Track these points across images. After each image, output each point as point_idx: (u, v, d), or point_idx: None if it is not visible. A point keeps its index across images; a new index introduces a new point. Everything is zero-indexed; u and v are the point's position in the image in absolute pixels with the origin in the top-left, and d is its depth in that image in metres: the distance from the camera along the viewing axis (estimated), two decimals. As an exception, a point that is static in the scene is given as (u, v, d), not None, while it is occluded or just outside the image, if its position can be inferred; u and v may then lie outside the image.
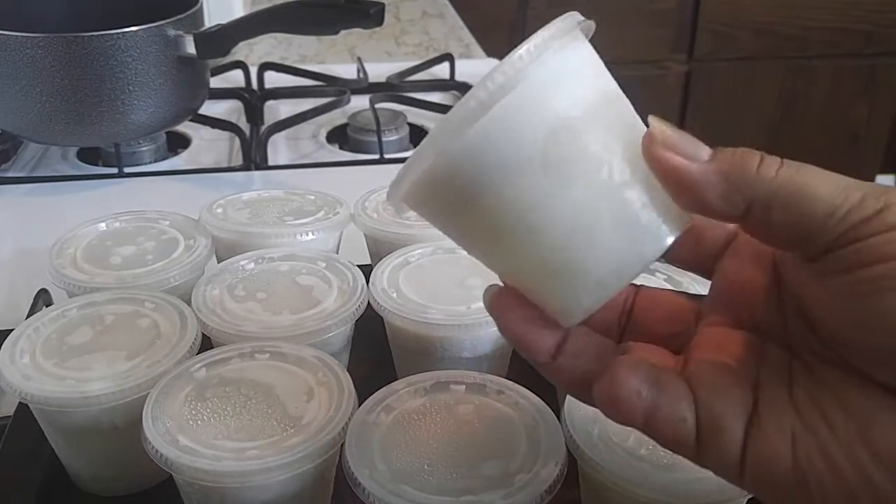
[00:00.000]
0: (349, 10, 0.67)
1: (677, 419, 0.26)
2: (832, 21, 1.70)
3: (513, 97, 0.26)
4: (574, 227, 0.26)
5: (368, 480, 0.33)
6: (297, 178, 0.77)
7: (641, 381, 0.26)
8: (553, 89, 0.26)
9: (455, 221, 0.29)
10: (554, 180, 0.26)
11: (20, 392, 0.39)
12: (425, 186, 0.28)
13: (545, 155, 0.26)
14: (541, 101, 0.26)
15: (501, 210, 0.27)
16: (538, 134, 0.26)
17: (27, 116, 0.70)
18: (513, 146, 0.26)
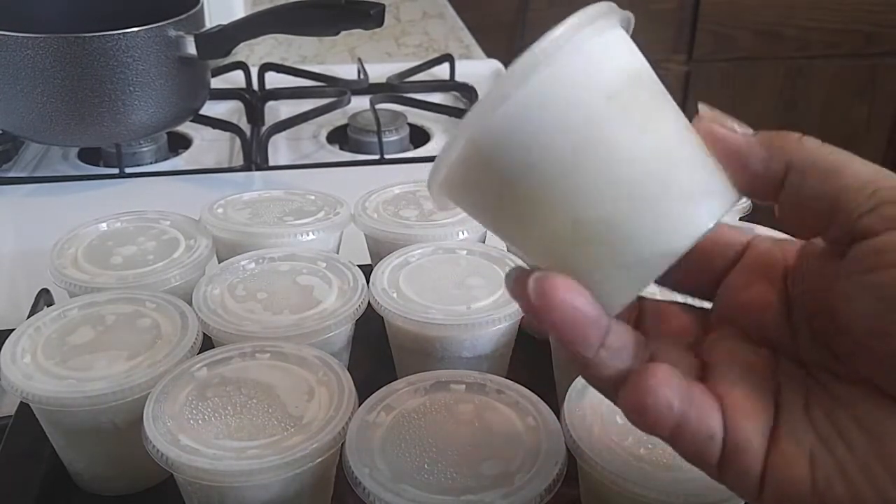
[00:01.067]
0: (349, 11, 0.67)
1: (705, 436, 0.26)
2: (832, 21, 1.70)
3: (556, 67, 0.26)
4: (621, 190, 0.26)
5: (369, 480, 0.34)
6: (297, 179, 0.77)
7: (673, 393, 0.26)
8: (599, 60, 0.26)
9: (497, 200, 0.28)
10: (599, 144, 0.26)
11: (21, 392, 0.39)
12: (467, 163, 0.27)
13: (590, 119, 0.26)
14: (587, 70, 0.26)
15: (546, 178, 0.26)
16: (584, 100, 0.26)
17: (28, 117, 0.70)
18: (557, 112, 0.26)
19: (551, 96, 0.26)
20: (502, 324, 0.45)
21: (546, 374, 0.48)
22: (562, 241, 0.27)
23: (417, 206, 0.57)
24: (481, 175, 0.27)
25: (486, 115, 0.26)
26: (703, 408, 0.26)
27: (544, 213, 0.27)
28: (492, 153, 0.27)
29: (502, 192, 0.27)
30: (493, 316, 0.45)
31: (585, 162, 0.26)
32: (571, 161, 0.26)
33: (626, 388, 0.26)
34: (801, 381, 0.28)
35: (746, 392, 0.27)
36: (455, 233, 0.54)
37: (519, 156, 0.26)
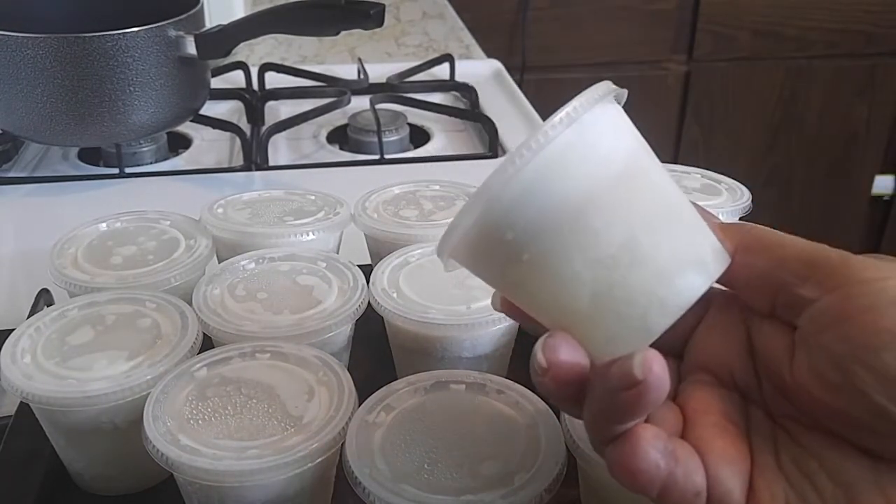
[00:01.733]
0: (349, 11, 0.67)
1: (692, 493, 0.27)
2: (832, 21, 1.70)
3: (557, 152, 0.27)
4: (592, 290, 0.27)
5: (369, 480, 0.34)
6: (297, 179, 0.77)
7: (659, 454, 0.27)
8: (589, 153, 0.27)
9: (501, 271, 0.30)
10: (578, 240, 0.27)
11: (21, 392, 0.39)
12: (473, 238, 0.29)
13: (576, 218, 0.27)
14: (582, 160, 0.27)
15: (539, 263, 0.28)
16: (570, 195, 0.27)
17: (28, 117, 0.70)
18: (550, 208, 0.27)
19: (548, 182, 0.27)
20: (502, 324, 0.45)
21: (546, 374, 0.48)
22: (551, 306, 0.29)
23: (417, 206, 0.57)
24: (486, 247, 0.29)
25: (497, 192, 0.27)
26: (688, 466, 0.27)
27: (538, 282, 0.29)
28: (498, 227, 0.28)
29: (506, 265, 0.29)
30: (493, 316, 0.45)
31: (575, 244, 0.27)
32: (561, 242, 0.28)
33: (616, 451, 0.27)
34: (770, 429, 0.29)
35: (726, 443, 0.28)
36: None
37: (513, 237, 0.28)
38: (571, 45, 1.64)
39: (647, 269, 0.27)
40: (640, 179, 0.28)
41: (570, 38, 1.64)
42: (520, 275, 0.29)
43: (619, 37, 1.66)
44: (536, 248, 0.28)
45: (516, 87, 1.01)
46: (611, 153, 0.28)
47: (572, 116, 0.27)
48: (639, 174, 0.28)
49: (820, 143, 1.79)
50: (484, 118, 0.86)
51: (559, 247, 0.27)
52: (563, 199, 0.27)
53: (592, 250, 0.27)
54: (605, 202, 0.27)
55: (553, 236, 0.27)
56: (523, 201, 0.27)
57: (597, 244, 0.27)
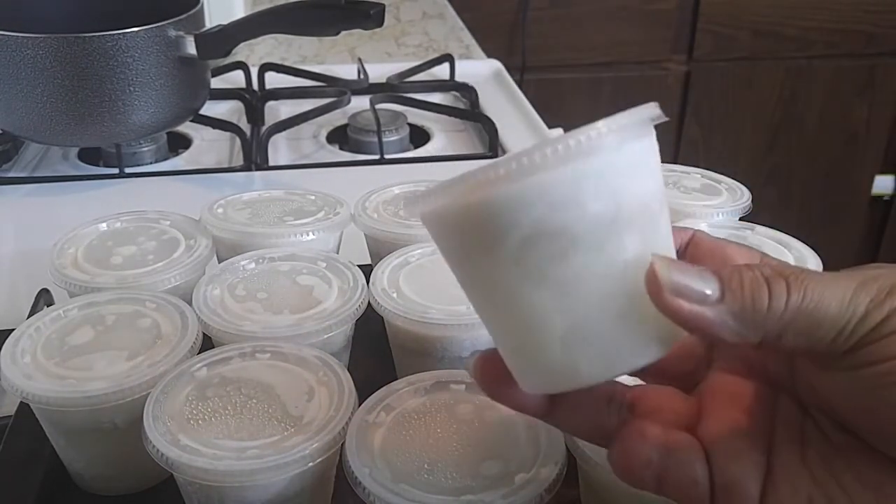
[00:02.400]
0: (349, 11, 0.67)
1: (688, 482, 0.27)
2: (832, 21, 1.70)
3: (513, 186, 0.25)
4: (531, 322, 0.27)
5: (369, 480, 0.34)
6: (297, 179, 0.77)
7: (651, 449, 0.27)
8: (574, 178, 0.25)
9: (452, 266, 0.30)
10: (522, 279, 0.26)
11: (21, 392, 0.39)
12: (437, 221, 0.29)
13: (518, 256, 0.26)
14: (537, 202, 0.25)
15: (478, 279, 0.28)
16: (517, 230, 0.25)
17: (28, 117, 0.70)
18: (496, 229, 0.26)
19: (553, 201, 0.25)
20: (502, 324, 0.45)
21: (546, 374, 0.48)
22: (486, 320, 0.29)
23: (417, 206, 0.57)
24: (447, 236, 0.29)
25: (471, 193, 0.26)
26: (684, 456, 0.27)
27: (480, 293, 0.28)
28: (455, 228, 0.28)
29: (459, 259, 0.29)
30: (493, 316, 0.45)
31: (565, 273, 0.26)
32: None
33: (612, 450, 0.28)
34: (799, 422, 0.28)
35: (738, 436, 0.28)
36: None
37: (463, 245, 0.28)
38: (571, 45, 1.64)
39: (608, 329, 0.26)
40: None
41: (570, 38, 1.64)
42: (492, 271, 0.27)
43: (619, 37, 1.66)
44: (539, 252, 0.26)
45: (516, 87, 1.01)
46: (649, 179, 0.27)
47: (627, 128, 0.26)
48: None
49: (820, 143, 1.79)
50: (484, 118, 0.86)
51: (559, 253, 0.26)
52: (594, 213, 0.25)
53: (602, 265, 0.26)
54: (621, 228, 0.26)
55: (563, 243, 0.25)
56: (546, 198, 0.25)
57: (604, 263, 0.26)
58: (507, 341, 0.29)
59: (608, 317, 0.26)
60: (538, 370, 0.28)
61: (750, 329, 0.25)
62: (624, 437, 0.28)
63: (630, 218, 0.26)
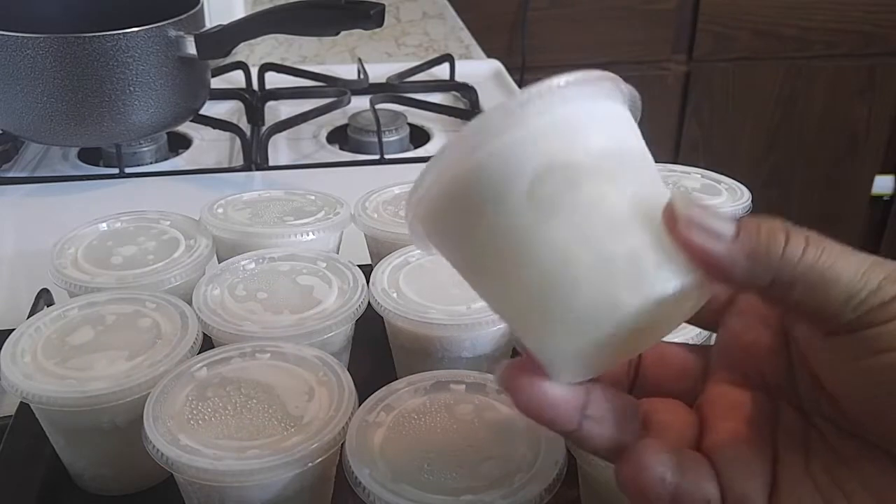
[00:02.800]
0: (349, 12, 0.67)
1: (702, 501, 0.26)
2: (832, 21, 1.70)
3: (515, 131, 0.26)
4: (551, 268, 0.26)
5: (369, 480, 0.34)
6: (297, 179, 0.77)
7: (665, 468, 0.26)
8: (570, 121, 0.26)
9: (458, 248, 0.29)
10: (538, 216, 0.26)
11: (21, 392, 0.39)
12: (434, 199, 0.28)
13: (532, 190, 0.26)
14: (541, 138, 0.26)
15: (491, 238, 0.27)
16: (528, 167, 0.26)
17: (28, 117, 0.70)
18: (505, 176, 0.26)
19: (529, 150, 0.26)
20: (502, 324, 0.45)
21: (546, 374, 0.48)
22: (505, 291, 0.28)
23: (417, 206, 0.57)
24: (448, 214, 0.28)
25: (464, 155, 0.26)
26: (696, 475, 0.27)
27: (494, 260, 0.27)
28: (456, 195, 0.27)
29: (464, 236, 0.28)
30: (494, 316, 0.45)
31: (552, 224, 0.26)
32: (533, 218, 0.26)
33: (623, 468, 0.27)
34: (802, 431, 0.28)
35: (744, 450, 0.27)
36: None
37: (471, 208, 0.27)
38: (571, 45, 1.64)
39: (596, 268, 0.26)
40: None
41: (570, 39, 1.64)
42: (499, 233, 0.27)
43: (619, 37, 1.66)
44: (541, 191, 0.26)
45: (516, 87, 1.01)
46: (575, 142, 0.27)
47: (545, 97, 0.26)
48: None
49: (820, 143, 1.79)
50: (484, 118, 0.86)
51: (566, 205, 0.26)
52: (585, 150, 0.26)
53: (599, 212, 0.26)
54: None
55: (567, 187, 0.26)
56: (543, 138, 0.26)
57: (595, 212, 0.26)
58: (535, 306, 0.27)
59: (629, 244, 0.26)
60: (573, 323, 0.26)
61: (761, 270, 0.25)
62: (637, 456, 0.27)
63: (632, 160, 0.27)
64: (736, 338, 0.30)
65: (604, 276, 0.26)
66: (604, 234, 0.26)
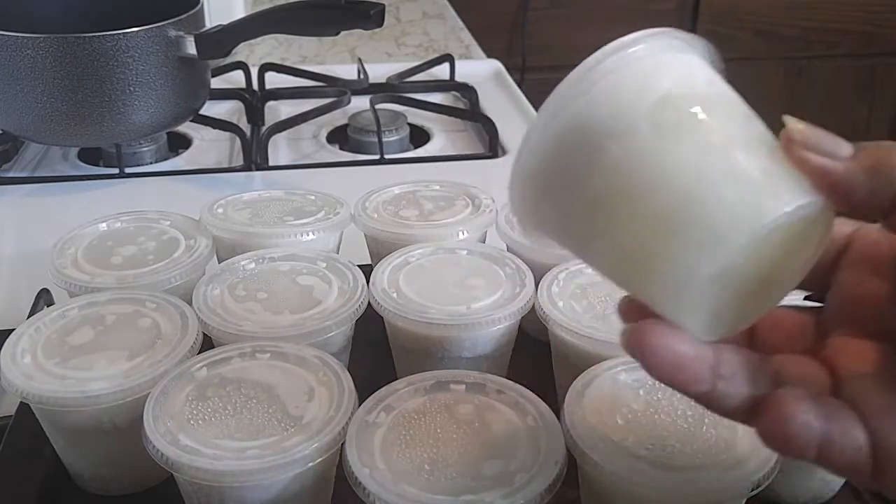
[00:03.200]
0: (349, 12, 0.67)
1: (853, 448, 0.26)
2: (832, 21, 1.70)
3: (627, 70, 0.27)
4: (686, 187, 0.25)
5: (369, 480, 0.34)
6: (297, 179, 0.77)
7: (809, 415, 0.25)
8: (672, 62, 0.27)
9: (574, 200, 0.28)
10: (665, 141, 0.26)
11: (21, 392, 0.39)
12: (545, 151, 0.28)
13: (654, 117, 0.26)
14: (655, 74, 0.27)
15: (615, 174, 0.26)
16: (648, 98, 0.26)
17: (28, 117, 0.70)
18: (625, 106, 0.26)
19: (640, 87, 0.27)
20: (502, 324, 0.45)
21: (546, 374, 0.48)
22: (630, 233, 0.27)
23: (417, 206, 0.57)
24: (560, 161, 0.27)
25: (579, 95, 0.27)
26: (844, 422, 0.26)
27: (615, 199, 0.27)
28: (571, 137, 0.27)
29: (578, 182, 0.27)
30: (493, 316, 0.45)
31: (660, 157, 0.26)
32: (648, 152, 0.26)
33: (763, 420, 0.26)
34: None
35: (884, 397, 0.26)
36: (455, 233, 0.54)
37: (588, 144, 0.27)
38: (571, 45, 1.64)
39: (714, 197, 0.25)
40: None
41: (570, 39, 1.64)
42: (608, 175, 0.26)
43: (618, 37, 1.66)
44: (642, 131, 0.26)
45: (516, 88, 1.01)
46: (688, 74, 0.28)
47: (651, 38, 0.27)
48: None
49: (820, 143, 1.79)
50: (484, 118, 0.86)
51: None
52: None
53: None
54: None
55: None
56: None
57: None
58: (669, 233, 0.26)
59: (760, 163, 0.26)
60: (712, 240, 0.25)
61: (882, 184, 0.25)
62: (777, 405, 0.26)
63: (735, 98, 0.28)
64: (850, 291, 0.30)
65: (743, 185, 0.25)
66: (734, 152, 0.26)
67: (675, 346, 0.26)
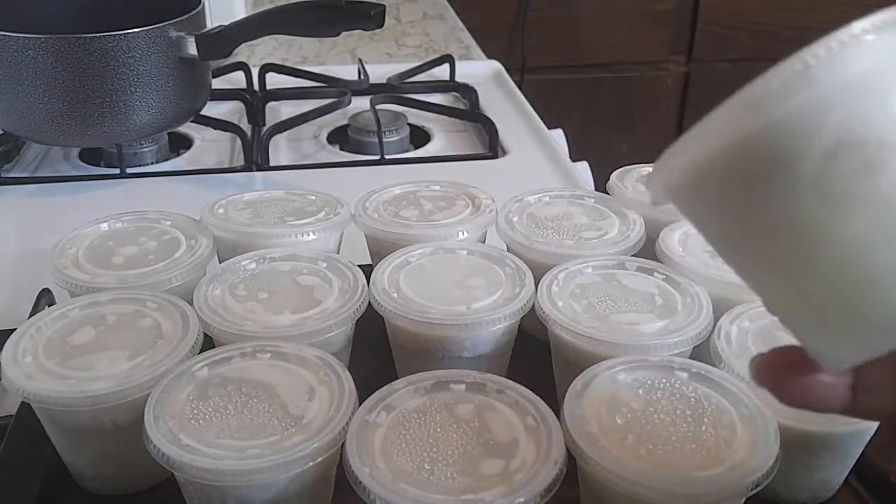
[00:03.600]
0: (350, 12, 0.68)
1: None
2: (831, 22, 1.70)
3: (804, 93, 0.21)
4: (848, 261, 0.22)
5: (369, 479, 0.34)
6: (298, 179, 0.77)
7: None
8: (861, 93, 0.22)
9: (729, 221, 0.25)
10: (829, 204, 0.22)
11: (22, 391, 0.39)
12: (698, 178, 0.24)
13: (816, 174, 0.22)
14: (834, 104, 0.21)
15: (763, 231, 0.23)
16: (818, 142, 0.22)
17: (29, 117, 0.70)
18: (790, 150, 0.22)
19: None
20: (502, 324, 0.45)
21: (546, 374, 0.48)
22: (786, 280, 0.24)
23: (417, 206, 0.57)
24: (725, 182, 0.23)
25: (777, 104, 0.21)
26: None
27: (771, 243, 0.24)
28: (740, 163, 0.23)
29: (738, 211, 0.24)
30: (493, 316, 0.45)
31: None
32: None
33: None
34: None
35: None
36: (455, 233, 0.54)
37: (752, 183, 0.23)
38: (571, 45, 1.64)
39: None
40: None
41: (570, 39, 1.64)
42: (803, 210, 0.22)
43: (618, 38, 1.66)
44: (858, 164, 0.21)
45: (516, 88, 1.01)
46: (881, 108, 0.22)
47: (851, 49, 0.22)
48: None
49: (819, 143, 1.79)
50: (484, 119, 0.87)
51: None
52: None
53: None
54: None
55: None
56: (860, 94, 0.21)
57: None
58: (813, 300, 0.24)
59: None
60: (862, 324, 0.23)
61: None
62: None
63: None
64: None
65: None
66: None
67: (812, 380, 0.26)
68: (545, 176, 0.80)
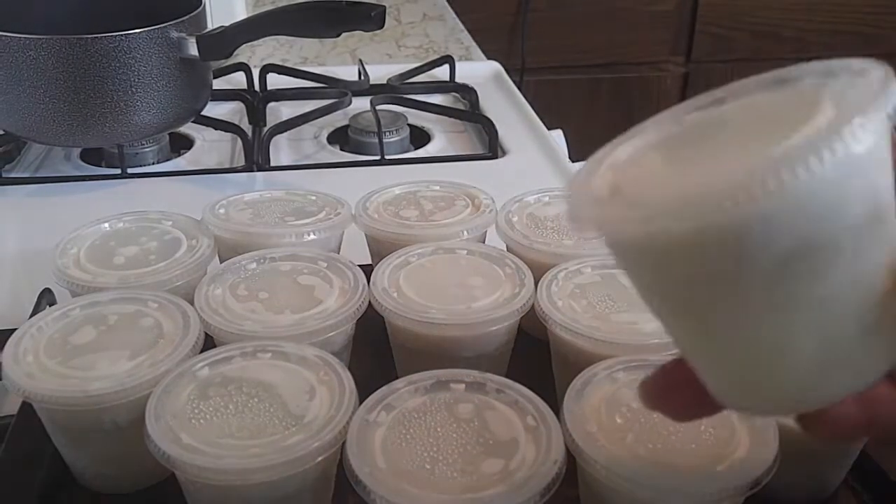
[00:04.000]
0: (350, 13, 0.68)
1: None
2: (830, 23, 1.70)
3: (777, 200, 0.21)
4: (775, 350, 0.24)
5: (369, 479, 0.34)
6: (298, 179, 0.77)
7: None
8: (829, 199, 0.22)
9: (662, 291, 0.26)
10: (773, 302, 0.23)
11: (23, 391, 0.39)
12: (646, 248, 0.24)
13: (768, 276, 0.23)
14: (802, 211, 0.22)
15: (700, 312, 0.24)
16: (777, 247, 0.22)
17: (31, 117, 0.71)
18: (748, 248, 0.22)
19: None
20: (502, 323, 0.45)
21: (546, 374, 0.48)
22: (722, 353, 0.26)
23: (418, 206, 0.57)
24: (674, 259, 0.24)
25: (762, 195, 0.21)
26: None
27: (705, 321, 0.25)
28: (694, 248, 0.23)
29: (681, 285, 0.24)
30: (493, 316, 0.45)
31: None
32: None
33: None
34: None
35: None
36: (455, 233, 0.54)
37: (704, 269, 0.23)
38: (571, 46, 1.65)
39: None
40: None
41: (570, 40, 1.64)
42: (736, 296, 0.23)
43: (617, 38, 1.66)
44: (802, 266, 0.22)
45: (516, 89, 1.01)
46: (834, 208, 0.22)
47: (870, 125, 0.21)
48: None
49: (819, 144, 1.79)
50: (484, 119, 0.87)
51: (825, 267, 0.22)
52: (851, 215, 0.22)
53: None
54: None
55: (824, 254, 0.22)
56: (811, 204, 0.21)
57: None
58: (731, 371, 0.26)
59: (862, 325, 0.24)
60: (775, 395, 0.25)
61: None
62: None
63: (883, 213, 0.23)
64: None
65: (826, 367, 0.24)
66: (837, 326, 0.24)
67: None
68: (545, 176, 0.80)
